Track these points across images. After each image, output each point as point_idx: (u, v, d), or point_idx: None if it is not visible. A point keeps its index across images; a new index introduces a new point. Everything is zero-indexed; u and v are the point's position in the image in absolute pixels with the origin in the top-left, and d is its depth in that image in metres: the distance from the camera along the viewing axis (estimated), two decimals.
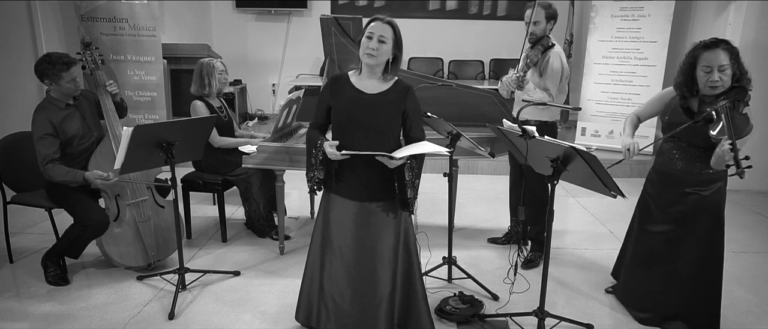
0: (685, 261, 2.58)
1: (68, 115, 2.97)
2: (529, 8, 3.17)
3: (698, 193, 2.50)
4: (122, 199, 3.07)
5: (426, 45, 7.25)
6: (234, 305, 2.86)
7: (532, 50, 3.20)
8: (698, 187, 2.49)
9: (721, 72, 2.30)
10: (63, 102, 2.96)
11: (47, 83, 2.89)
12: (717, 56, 2.30)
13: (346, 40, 3.67)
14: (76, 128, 2.98)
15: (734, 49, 2.32)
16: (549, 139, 2.31)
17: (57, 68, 2.84)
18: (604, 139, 5.82)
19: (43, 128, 2.86)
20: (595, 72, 5.86)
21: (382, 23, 2.17)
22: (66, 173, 2.87)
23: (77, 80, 2.93)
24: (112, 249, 3.04)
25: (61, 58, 2.86)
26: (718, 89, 2.33)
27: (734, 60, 2.30)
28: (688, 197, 2.52)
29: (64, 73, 2.85)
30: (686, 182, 2.52)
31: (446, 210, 3.20)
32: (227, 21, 7.30)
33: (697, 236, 2.54)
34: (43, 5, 4.67)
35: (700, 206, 2.51)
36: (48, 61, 2.85)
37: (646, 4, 5.52)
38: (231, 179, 3.60)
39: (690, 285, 2.59)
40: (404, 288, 2.39)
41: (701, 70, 2.35)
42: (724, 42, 2.32)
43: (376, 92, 2.24)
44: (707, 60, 2.32)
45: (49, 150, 2.85)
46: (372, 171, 2.22)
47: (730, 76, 2.31)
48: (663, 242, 2.64)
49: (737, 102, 2.29)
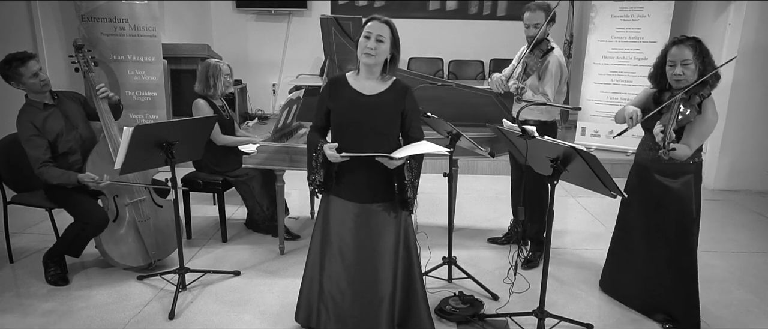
0: (659, 255, 2.68)
1: (49, 115, 2.96)
2: (528, 10, 3.16)
3: (665, 184, 2.60)
4: (120, 199, 3.07)
5: (426, 45, 7.25)
6: (234, 305, 2.87)
7: (530, 55, 3.17)
8: (665, 177, 2.61)
9: (684, 66, 2.43)
10: (40, 103, 2.96)
11: (14, 84, 2.91)
12: (681, 52, 2.43)
13: (346, 40, 3.67)
14: (59, 127, 2.98)
15: (700, 47, 2.44)
16: (549, 139, 2.31)
17: (13, 66, 2.85)
18: (604, 139, 5.83)
19: (27, 130, 2.87)
20: (594, 72, 5.86)
21: (379, 23, 2.17)
22: (60, 175, 2.88)
23: (40, 75, 2.91)
24: (112, 249, 3.05)
25: (15, 56, 2.87)
26: (681, 83, 2.46)
27: (699, 56, 2.42)
28: (658, 186, 2.63)
29: (21, 69, 2.85)
30: (656, 169, 2.64)
31: (446, 210, 3.20)
32: (227, 21, 7.30)
33: (666, 229, 2.64)
34: (43, 5, 4.67)
35: (668, 197, 2.60)
36: (4, 61, 2.87)
37: (646, 4, 5.52)
38: (231, 179, 3.60)
39: (666, 280, 2.68)
40: (404, 288, 2.39)
41: (668, 64, 2.50)
42: (692, 39, 2.46)
43: (374, 93, 2.24)
44: (672, 55, 2.47)
45: (38, 152, 2.87)
46: (372, 172, 2.22)
47: (693, 71, 2.43)
48: (639, 236, 2.75)
49: (693, 95, 2.42)
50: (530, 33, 3.14)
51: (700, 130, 2.45)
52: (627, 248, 2.83)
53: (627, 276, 2.86)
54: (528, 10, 3.15)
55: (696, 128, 2.44)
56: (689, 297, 2.64)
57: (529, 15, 3.13)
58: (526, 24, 3.16)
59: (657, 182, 2.63)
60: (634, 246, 2.79)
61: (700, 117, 2.43)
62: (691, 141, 2.45)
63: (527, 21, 3.15)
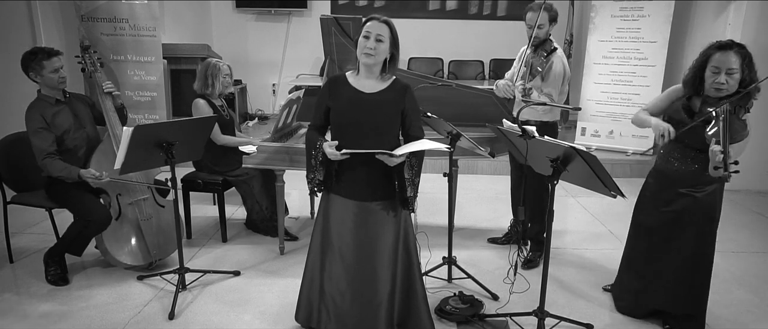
0: (674, 260, 2.59)
1: (59, 110, 2.98)
2: (530, 10, 3.15)
3: (692, 195, 2.49)
4: (123, 198, 3.08)
5: (426, 45, 7.25)
6: (234, 305, 2.86)
7: (534, 56, 3.16)
8: (692, 188, 2.49)
9: (729, 75, 2.27)
10: (53, 98, 2.98)
11: (32, 76, 2.93)
12: (728, 58, 2.26)
13: (346, 40, 3.67)
14: (68, 123, 3.00)
15: (747, 54, 2.28)
16: (549, 139, 2.31)
17: (39, 57, 2.88)
18: (604, 139, 5.83)
19: (36, 122, 2.88)
20: (595, 72, 5.86)
21: (378, 22, 2.17)
22: (62, 168, 2.88)
23: (61, 72, 2.94)
24: (113, 248, 3.05)
25: (43, 49, 2.91)
26: (722, 92, 2.30)
27: (746, 65, 2.27)
28: (682, 198, 2.52)
29: (45, 62, 2.88)
30: (681, 182, 2.51)
31: (446, 210, 3.20)
32: (227, 21, 7.30)
33: (687, 237, 2.53)
34: (43, 5, 4.67)
35: (693, 207, 2.50)
36: (31, 52, 2.91)
37: (646, 4, 5.52)
38: (231, 179, 3.60)
39: (676, 284, 2.60)
40: (404, 288, 2.39)
41: (709, 70, 2.32)
42: (739, 46, 2.29)
43: (374, 92, 2.24)
44: (717, 61, 2.29)
45: (45, 144, 2.87)
46: (372, 170, 2.22)
47: (737, 81, 2.27)
48: (655, 241, 2.65)
49: (738, 108, 2.26)
50: (533, 33, 3.13)
51: (739, 146, 2.27)
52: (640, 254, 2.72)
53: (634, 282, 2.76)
54: (530, 10, 3.14)
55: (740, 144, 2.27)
56: (699, 302, 2.59)
57: (532, 15, 3.12)
58: (529, 24, 3.15)
59: (681, 193, 2.50)
60: (647, 253, 2.68)
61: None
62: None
63: (529, 21, 3.14)
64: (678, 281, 2.59)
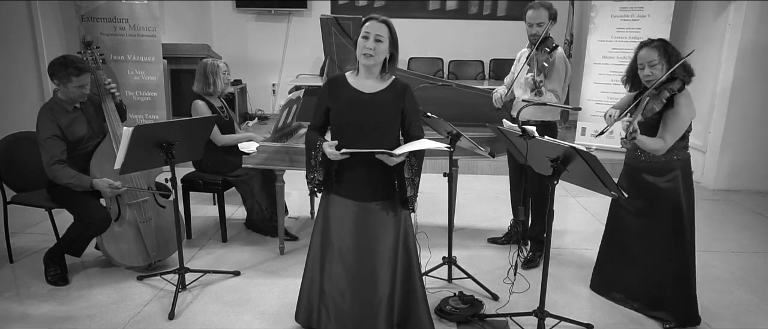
0: (654, 253, 2.70)
1: (75, 118, 2.97)
2: (531, 9, 3.15)
3: (656, 185, 2.64)
4: (123, 199, 3.07)
5: (426, 45, 7.24)
6: (234, 305, 2.86)
7: (538, 54, 3.16)
8: (655, 176, 2.64)
9: (652, 67, 2.53)
10: (71, 105, 2.96)
11: (56, 82, 2.89)
12: (647, 54, 2.54)
13: (346, 40, 3.67)
14: (84, 131, 2.99)
15: (666, 47, 2.53)
16: (549, 139, 2.31)
17: (69, 71, 2.84)
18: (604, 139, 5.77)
19: (49, 130, 2.85)
20: (595, 72, 5.86)
21: (377, 22, 2.17)
22: (72, 176, 2.86)
23: (86, 88, 2.93)
24: (112, 249, 3.04)
25: (75, 63, 2.87)
26: (651, 82, 2.56)
27: (664, 56, 2.51)
28: (647, 189, 2.66)
29: (74, 77, 2.85)
30: (643, 169, 2.68)
31: (446, 210, 3.20)
32: (227, 21, 7.30)
33: (660, 228, 2.67)
34: (43, 5, 4.67)
35: (658, 195, 2.65)
36: (62, 62, 2.85)
37: (646, 4, 5.52)
38: (231, 179, 3.60)
39: (663, 278, 2.70)
40: (404, 288, 2.39)
41: (638, 68, 2.61)
42: (657, 40, 2.56)
43: (374, 92, 2.24)
44: (641, 57, 2.57)
45: (56, 150, 2.85)
46: (372, 170, 2.22)
47: (660, 70, 2.52)
48: (632, 236, 2.77)
49: (662, 90, 2.51)
50: (533, 31, 3.14)
51: (674, 124, 2.50)
52: (620, 248, 2.85)
53: (622, 277, 2.87)
54: (531, 9, 3.15)
55: (669, 122, 2.51)
56: (686, 293, 2.65)
57: (532, 13, 3.13)
58: (530, 22, 3.15)
59: (645, 182, 2.67)
60: (628, 246, 2.80)
61: (672, 111, 2.50)
62: (666, 136, 2.51)
63: (530, 19, 3.14)
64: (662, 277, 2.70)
